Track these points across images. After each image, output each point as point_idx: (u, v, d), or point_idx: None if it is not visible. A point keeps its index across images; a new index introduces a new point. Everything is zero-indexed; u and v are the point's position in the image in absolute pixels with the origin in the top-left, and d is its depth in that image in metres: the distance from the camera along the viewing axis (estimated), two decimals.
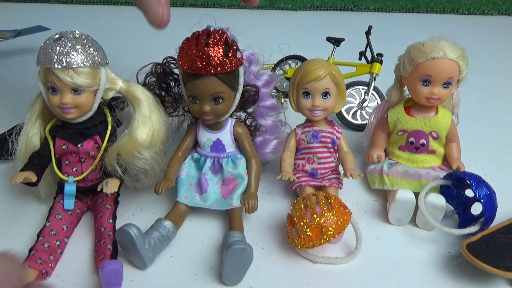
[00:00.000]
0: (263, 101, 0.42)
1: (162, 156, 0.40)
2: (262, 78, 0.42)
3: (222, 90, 0.36)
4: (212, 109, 0.37)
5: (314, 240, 0.34)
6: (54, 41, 0.35)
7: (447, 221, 0.40)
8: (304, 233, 0.34)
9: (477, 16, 0.97)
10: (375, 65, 0.53)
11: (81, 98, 0.36)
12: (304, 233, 0.34)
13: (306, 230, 0.34)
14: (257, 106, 0.42)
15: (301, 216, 0.35)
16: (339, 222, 0.34)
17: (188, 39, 0.36)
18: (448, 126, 0.42)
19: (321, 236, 0.34)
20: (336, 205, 0.35)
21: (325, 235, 0.34)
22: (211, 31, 0.35)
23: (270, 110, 0.43)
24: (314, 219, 0.34)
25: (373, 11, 0.97)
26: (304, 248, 0.35)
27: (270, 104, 0.42)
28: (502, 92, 0.65)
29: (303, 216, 0.35)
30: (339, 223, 0.34)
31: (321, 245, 0.35)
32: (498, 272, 0.32)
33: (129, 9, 0.95)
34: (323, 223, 0.34)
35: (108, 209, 0.38)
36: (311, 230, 0.34)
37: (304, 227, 0.34)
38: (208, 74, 0.35)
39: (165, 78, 0.41)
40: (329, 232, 0.34)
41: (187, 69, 0.35)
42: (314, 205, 0.35)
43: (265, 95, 0.42)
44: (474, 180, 0.38)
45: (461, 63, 0.39)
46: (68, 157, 0.38)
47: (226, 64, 0.35)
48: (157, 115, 0.38)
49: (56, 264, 0.35)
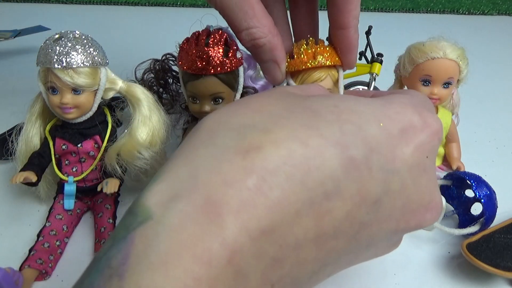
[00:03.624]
0: None
1: (162, 156, 0.40)
2: (258, 83, 0.42)
3: (222, 90, 0.36)
4: (212, 109, 0.37)
5: (306, 61, 0.34)
6: (54, 41, 0.35)
7: (447, 221, 0.41)
8: (298, 55, 0.34)
9: (477, 16, 0.97)
10: (375, 65, 0.53)
11: (81, 98, 0.36)
12: (298, 55, 0.34)
13: (301, 52, 0.34)
14: None
15: (300, 44, 0.35)
16: (332, 57, 0.34)
17: (188, 39, 0.36)
18: (448, 126, 0.42)
19: (313, 59, 0.34)
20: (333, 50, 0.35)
21: (316, 60, 0.34)
22: (211, 31, 0.35)
23: None
24: (311, 46, 0.34)
25: (373, 11, 0.97)
26: (293, 69, 0.34)
27: None
28: (502, 92, 0.65)
29: (302, 43, 0.35)
30: (331, 57, 0.34)
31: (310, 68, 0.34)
32: (498, 272, 0.32)
33: (129, 9, 0.95)
34: (318, 51, 0.34)
35: (108, 209, 0.38)
36: (305, 53, 0.34)
37: (301, 50, 0.34)
38: (208, 74, 0.35)
39: (163, 75, 0.41)
40: (321, 58, 0.34)
41: (187, 69, 0.35)
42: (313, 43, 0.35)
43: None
44: (474, 180, 0.38)
45: (461, 63, 0.39)
46: (68, 157, 0.38)
47: (226, 64, 0.35)
48: (157, 115, 0.38)
49: (56, 264, 0.35)
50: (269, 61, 0.32)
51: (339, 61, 0.35)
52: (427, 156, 0.23)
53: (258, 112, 0.22)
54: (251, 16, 0.30)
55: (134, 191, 0.42)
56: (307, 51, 0.34)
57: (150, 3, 0.96)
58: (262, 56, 0.32)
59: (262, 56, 0.32)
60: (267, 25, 0.30)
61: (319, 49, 0.34)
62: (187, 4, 0.96)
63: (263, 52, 0.32)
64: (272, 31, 0.31)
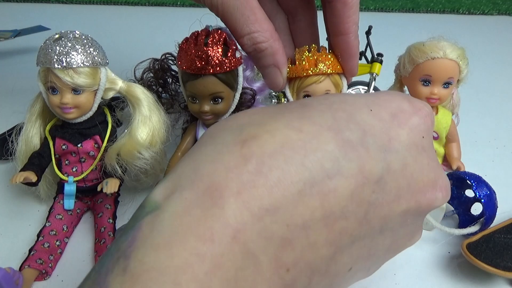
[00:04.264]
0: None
1: (162, 156, 0.40)
2: (255, 85, 0.42)
3: (222, 89, 0.36)
4: (212, 109, 0.37)
5: (307, 68, 0.34)
6: (54, 41, 0.35)
7: (447, 221, 0.41)
8: (300, 61, 0.34)
9: (477, 16, 0.97)
10: (375, 65, 0.53)
11: (81, 98, 0.36)
12: (300, 61, 0.34)
13: (303, 59, 0.34)
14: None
15: (302, 50, 0.35)
16: (333, 65, 0.34)
17: (187, 39, 0.36)
18: (448, 126, 0.42)
19: (314, 67, 0.34)
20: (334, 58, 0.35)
21: (318, 68, 0.34)
22: (210, 31, 0.35)
23: None
24: (314, 53, 0.34)
25: (373, 11, 0.97)
26: (294, 75, 0.34)
27: None
28: (502, 92, 0.65)
29: (304, 50, 0.35)
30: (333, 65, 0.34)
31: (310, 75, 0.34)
32: (498, 272, 0.32)
33: (129, 9, 0.95)
34: (320, 58, 0.34)
35: (108, 209, 0.38)
36: (307, 60, 0.34)
37: (302, 56, 0.34)
38: (207, 73, 0.35)
39: (162, 74, 0.41)
40: (323, 66, 0.34)
41: (186, 69, 0.35)
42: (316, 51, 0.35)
43: (257, 102, 0.42)
44: (474, 180, 0.38)
45: (461, 63, 0.39)
46: (68, 157, 0.38)
47: (225, 64, 0.35)
48: (157, 115, 0.38)
49: (56, 264, 0.35)
50: (271, 66, 0.33)
51: (340, 69, 0.35)
52: (423, 136, 0.24)
53: (255, 114, 0.23)
54: (253, 21, 0.30)
55: (134, 191, 0.42)
56: (309, 58, 0.34)
57: (150, 3, 0.96)
58: (263, 61, 0.32)
59: (264, 61, 0.32)
60: (269, 29, 0.31)
61: (321, 57, 0.34)
62: (187, 4, 0.96)
63: (264, 56, 0.32)
64: (273, 35, 0.31)
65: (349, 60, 0.34)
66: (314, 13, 0.36)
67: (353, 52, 0.34)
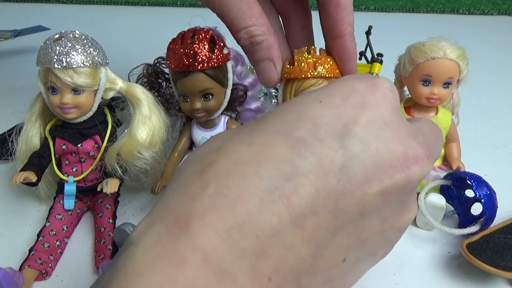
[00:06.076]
0: (248, 104, 0.42)
1: (162, 156, 0.40)
2: (246, 81, 0.42)
3: (211, 86, 0.36)
4: (203, 106, 0.37)
5: (306, 70, 0.33)
6: (54, 41, 0.35)
7: (447, 221, 0.40)
8: (299, 62, 0.34)
9: (477, 16, 0.97)
10: (375, 65, 0.53)
11: (81, 98, 0.36)
12: (299, 62, 0.34)
13: (302, 61, 0.34)
14: (243, 109, 0.42)
15: (302, 52, 0.34)
16: (332, 69, 0.34)
17: (175, 39, 0.36)
18: (448, 126, 0.42)
19: (313, 70, 0.33)
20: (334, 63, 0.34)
21: (316, 71, 0.33)
22: (196, 30, 0.36)
23: (256, 113, 0.43)
24: (313, 56, 0.34)
25: (373, 11, 0.97)
26: (291, 77, 0.34)
27: (255, 107, 0.42)
28: (502, 92, 0.65)
29: (304, 51, 0.34)
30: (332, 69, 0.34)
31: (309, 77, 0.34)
32: (498, 272, 0.32)
33: (129, 9, 0.95)
34: (320, 61, 0.34)
35: (108, 209, 0.38)
36: (306, 62, 0.34)
37: (302, 58, 0.34)
38: (195, 70, 0.35)
39: (156, 78, 0.41)
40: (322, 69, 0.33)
41: (175, 68, 0.36)
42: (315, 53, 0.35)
43: (249, 98, 0.42)
44: (475, 180, 0.38)
45: (461, 63, 0.39)
46: (68, 157, 0.38)
47: (212, 60, 0.35)
48: (157, 115, 0.38)
49: (56, 264, 0.35)
50: (266, 60, 0.32)
51: (339, 73, 0.35)
52: (384, 110, 0.23)
53: (215, 139, 0.24)
54: (250, 15, 0.30)
55: (134, 191, 0.42)
56: (308, 60, 0.34)
57: (150, 3, 0.96)
58: (258, 55, 0.32)
59: (259, 55, 0.32)
60: (265, 24, 0.31)
61: (320, 60, 0.34)
62: (187, 4, 0.96)
63: (260, 49, 0.31)
64: (269, 30, 0.31)
65: (347, 62, 0.34)
66: (308, 16, 0.36)
67: (350, 54, 0.33)
